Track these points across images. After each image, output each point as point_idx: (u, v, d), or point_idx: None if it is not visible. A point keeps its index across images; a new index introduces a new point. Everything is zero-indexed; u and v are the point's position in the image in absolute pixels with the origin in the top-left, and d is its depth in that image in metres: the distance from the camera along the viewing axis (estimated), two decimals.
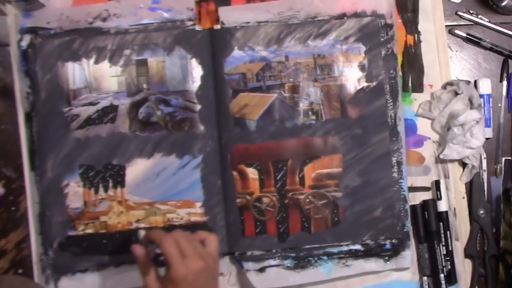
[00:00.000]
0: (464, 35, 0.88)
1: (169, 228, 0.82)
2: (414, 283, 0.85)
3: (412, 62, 0.87)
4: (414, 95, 0.87)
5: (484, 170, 0.87)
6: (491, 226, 0.86)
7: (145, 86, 0.84)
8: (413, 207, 0.85)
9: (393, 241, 0.83)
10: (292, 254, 0.83)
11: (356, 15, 0.85)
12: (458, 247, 0.85)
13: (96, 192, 0.83)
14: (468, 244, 0.86)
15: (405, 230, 0.83)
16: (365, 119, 0.84)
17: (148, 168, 0.83)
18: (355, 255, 0.83)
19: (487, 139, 0.86)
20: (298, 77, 0.84)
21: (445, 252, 0.84)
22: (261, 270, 0.83)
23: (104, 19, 0.84)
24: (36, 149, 0.83)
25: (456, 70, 0.89)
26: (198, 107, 0.84)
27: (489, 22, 0.89)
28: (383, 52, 0.84)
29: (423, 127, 0.87)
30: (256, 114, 0.84)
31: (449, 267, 0.84)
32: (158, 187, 0.83)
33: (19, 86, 0.84)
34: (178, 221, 0.83)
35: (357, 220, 0.83)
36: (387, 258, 0.83)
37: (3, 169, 0.85)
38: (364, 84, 0.84)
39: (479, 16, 0.89)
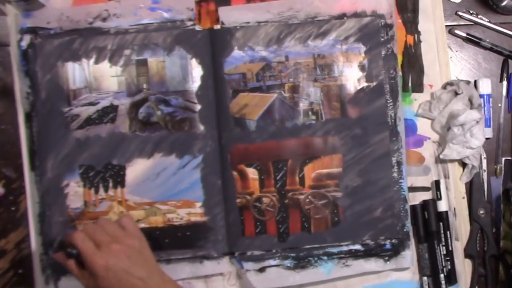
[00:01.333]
0: (464, 35, 0.88)
1: (169, 227, 0.82)
2: (414, 283, 0.85)
3: (412, 62, 0.87)
4: (414, 95, 0.87)
5: (484, 170, 0.87)
6: (491, 226, 0.86)
7: (145, 86, 0.84)
8: (413, 207, 0.85)
9: (393, 241, 0.83)
10: (292, 254, 0.83)
11: (356, 15, 0.85)
12: (458, 247, 0.85)
13: (96, 192, 0.83)
14: (468, 244, 0.86)
15: (405, 230, 0.83)
16: (365, 119, 0.84)
17: (148, 168, 0.83)
18: (355, 255, 0.83)
19: (487, 139, 0.86)
20: (298, 77, 0.84)
21: (445, 252, 0.84)
22: (261, 270, 0.83)
23: (104, 19, 0.84)
24: (36, 149, 0.83)
25: (456, 70, 0.89)
26: (198, 107, 0.84)
27: (489, 22, 0.89)
28: (383, 52, 0.84)
29: (423, 127, 0.87)
30: (256, 114, 0.84)
31: (449, 267, 0.84)
32: (158, 187, 0.83)
33: (19, 86, 0.84)
34: (178, 221, 0.83)
35: (357, 220, 0.83)
36: (387, 258, 0.83)
37: (3, 169, 0.85)
38: (364, 84, 0.84)
39: (479, 16, 0.89)
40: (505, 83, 0.89)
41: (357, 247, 0.83)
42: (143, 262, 0.70)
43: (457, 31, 0.89)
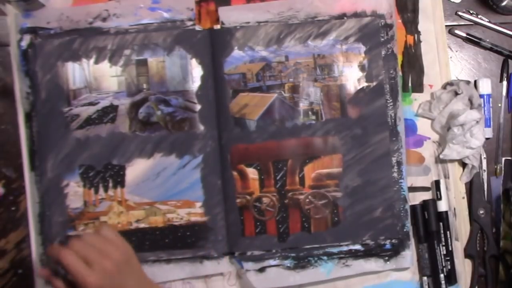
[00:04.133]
0: (464, 35, 0.88)
1: (169, 227, 0.82)
2: (414, 283, 0.85)
3: (412, 62, 0.87)
4: (414, 95, 0.87)
5: (484, 170, 0.87)
6: (491, 226, 0.86)
7: (145, 86, 0.84)
8: (413, 207, 0.85)
9: (393, 241, 0.83)
10: (292, 254, 0.83)
11: (356, 15, 0.85)
12: (458, 247, 0.85)
13: (96, 192, 0.83)
14: (468, 244, 0.86)
15: (405, 230, 0.83)
16: (365, 119, 0.84)
17: (148, 168, 0.83)
18: (355, 255, 0.83)
19: (487, 139, 0.86)
20: (298, 77, 0.84)
21: (445, 252, 0.84)
22: (261, 270, 0.83)
23: (104, 19, 0.84)
24: (36, 149, 0.83)
25: (456, 70, 0.89)
26: (198, 107, 0.84)
27: (489, 22, 0.89)
28: (383, 52, 0.84)
29: (423, 127, 0.87)
30: (256, 114, 0.84)
31: (449, 267, 0.84)
32: (158, 187, 0.83)
33: (19, 86, 0.84)
34: (178, 221, 0.83)
35: (357, 220, 0.83)
36: (387, 258, 0.83)
37: (3, 169, 0.85)
38: (364, 84, 0.84)
39: (479, 16, 0.89)
40: (505, 83, 0.89)
41: (357, 247, 0.83)
42: (132, 271, 0.70)
43: (457, 31, 0.89)
